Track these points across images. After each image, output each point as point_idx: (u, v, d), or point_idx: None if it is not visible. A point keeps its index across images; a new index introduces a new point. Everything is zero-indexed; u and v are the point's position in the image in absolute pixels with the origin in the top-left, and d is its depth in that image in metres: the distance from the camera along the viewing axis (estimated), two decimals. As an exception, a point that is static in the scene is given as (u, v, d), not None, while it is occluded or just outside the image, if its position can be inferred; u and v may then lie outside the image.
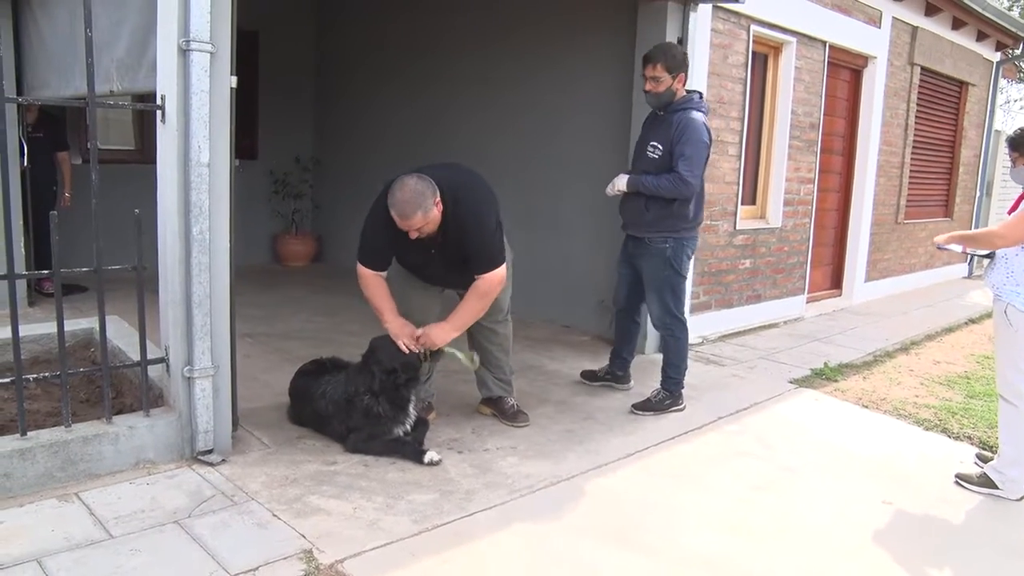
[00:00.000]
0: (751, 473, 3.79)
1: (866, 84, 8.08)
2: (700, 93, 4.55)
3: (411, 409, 3.77)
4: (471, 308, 3.82)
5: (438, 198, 3.58)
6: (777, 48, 6.81)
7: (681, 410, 4.56)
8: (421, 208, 3.51)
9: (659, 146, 4.40)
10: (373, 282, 3.82)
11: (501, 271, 3.79)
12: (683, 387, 4.61)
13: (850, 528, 3.29)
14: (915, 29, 8.51)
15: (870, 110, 8.11)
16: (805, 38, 6.89)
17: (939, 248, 3.72)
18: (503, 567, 2.83)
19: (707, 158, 4.42)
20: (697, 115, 4.35)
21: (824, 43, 7.14)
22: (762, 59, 6.78)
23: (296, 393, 4.08)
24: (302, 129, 9.36)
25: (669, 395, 4.57)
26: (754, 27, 6.26)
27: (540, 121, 6.57)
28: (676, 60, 4.36)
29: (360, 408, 3.70)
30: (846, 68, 7.84)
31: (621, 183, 4.51)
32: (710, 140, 4.39)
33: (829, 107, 7.55)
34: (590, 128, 6.20)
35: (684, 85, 4.44)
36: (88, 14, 3.17)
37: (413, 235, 3.60)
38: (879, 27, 7.89)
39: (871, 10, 7.70)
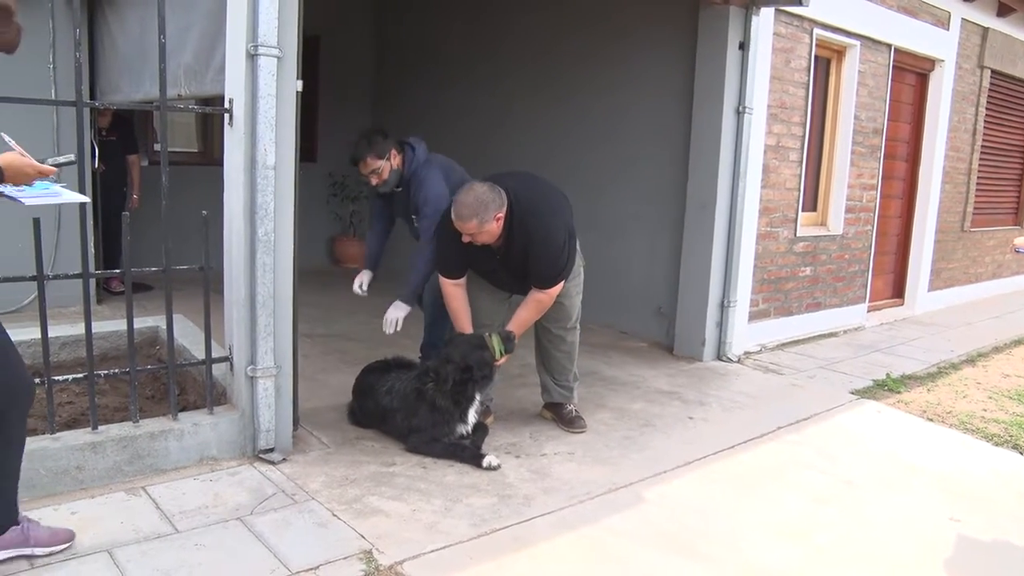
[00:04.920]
0: (812, 485, 3.71)
1: (933, 88, 7.88)
2: (410, 145, 4.38)
3: (473, 411, 3.79)
4: (524, 318, 3.93)
5: (501, 214, 3.64)
6: (840, 52, 6.69)
7: None
8: (477, 216, 3.58)
9: (414, 217, 4.33)
10: (450, 291, 3.96)
11: (558, 288, 3.86)
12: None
13: (916, 545, 3.20)
14: (986, 30, 8.27)
15: (936, 115, 7.91)
16: (869, 41, 6.75)
17: (1018, 252, 3.58)
18: (562, 573, 2.81)
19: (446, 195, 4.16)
20: (423, 171, 4.26)
21: (889, 46, 6.99)
22: (825, 63, 6.66)
23: (361, 389, 4.12)
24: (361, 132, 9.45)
25: None
26: (817, 30, 6.16)
27: (599, 125, 6.55)
28: (380, 145, 4.25)
29: (426, 401, 3.73)
30: (912, 72, 7.65)
31: (401, 310, 4.24)
32: (446, 176, 4.26)
33: (893, 112, 7.39)
34: (649, 132, 6.15)
35: (399, 155, 4.33)
36: (162, 21, 3.24)
37: (466, 239, 3.68)
38: (947, 29, 7.69)
39: (939, 11, 7.51)
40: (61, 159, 2.75)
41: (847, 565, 3.00)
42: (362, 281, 4.55)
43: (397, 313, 4.22)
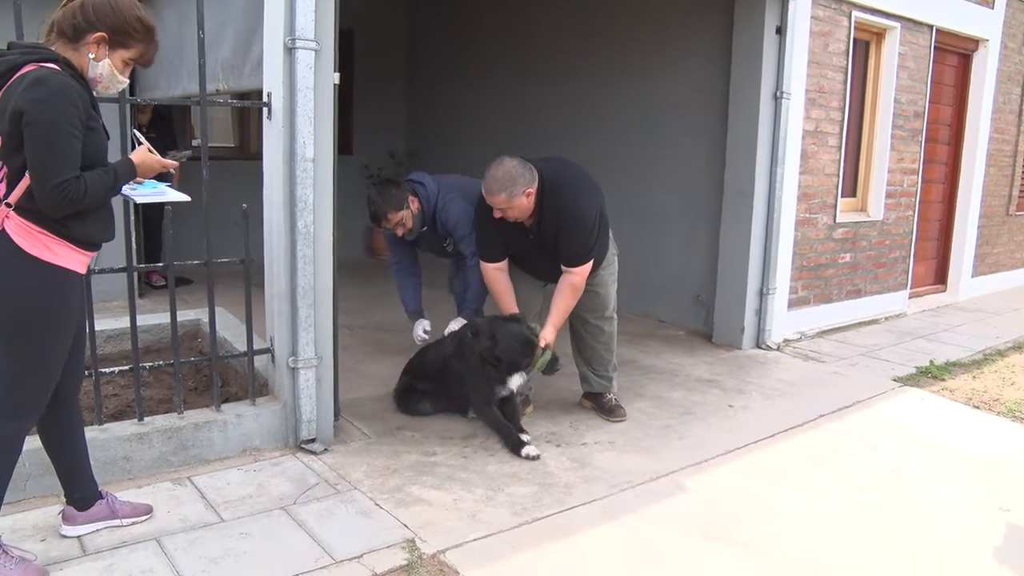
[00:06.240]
0: (856, 473, 3.67)
1: (976, 69, 7.71)
2: (419, 183, 4.45)
3: (515, 376, 3.81)
4: (562, 306, 3.90)
5: (531, 189, 3.66)
6: (880, 34, 6.57)
7: None
8: (506, 190, 3.61)
9: (444, 240, 4.50)
10: (492, 276, 3.98)
11: (587, 267, 3.84)
12: None
13: (964, 535, 3.14)
14: (1032, 9, 8.08)
15: (980, 96, 7.73)
16: (910, 23, 6.62)
17: None
18: (603, 562, 2.81)
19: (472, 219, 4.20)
20: (441, 201, 4.35)
21: (931, 27, 6.85)
22: (864, 46, 6.55)
23: (417, 362, 4.22)
24: (395, 124, 9.50)
25: None
26: (856, 13, 6.05)
27: (634, 113, 6.50)
28: (396, 197, 4.30)
29: (473, 351, 3.81)
30: (954, 53, 7.49)
31: (457, 323, 4.39)
32: (461, 192, 4.35)
33: (935, 94, 7.24)
34: (685, 119, 6.10)
35: (415, 198, 4.40)
36: (201, 16, 3.28)
37: (496, 214, 3.72)
38: (992, 7, 7.50)
39: (984, -10, 7.35)
40: (180, 154, 2.85)
41: (893, 554, 2.96)
42: (424, 327, 4.63)
43: (457, 327, 4.30)
